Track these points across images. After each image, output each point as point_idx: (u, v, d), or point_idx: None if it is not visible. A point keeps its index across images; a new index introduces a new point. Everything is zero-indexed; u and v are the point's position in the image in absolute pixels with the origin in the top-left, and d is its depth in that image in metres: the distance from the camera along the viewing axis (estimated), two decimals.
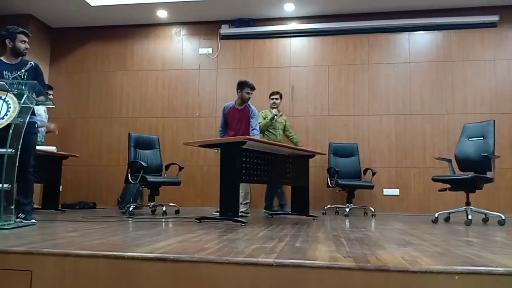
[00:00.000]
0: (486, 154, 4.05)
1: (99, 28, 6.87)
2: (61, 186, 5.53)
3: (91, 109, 6.71)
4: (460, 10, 6.02)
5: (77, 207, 5.90)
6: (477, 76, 5.96)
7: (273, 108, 5.54)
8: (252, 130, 4.79)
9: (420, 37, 6.18)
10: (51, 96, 5.69)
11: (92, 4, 6.12)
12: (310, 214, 4.57)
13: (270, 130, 5.49)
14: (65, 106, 6.64)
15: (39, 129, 5.71)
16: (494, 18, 5.88)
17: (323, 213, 5.31)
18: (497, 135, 4.43)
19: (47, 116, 5.51)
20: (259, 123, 5.27)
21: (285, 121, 5.77)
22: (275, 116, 5.45)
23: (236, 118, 4.80)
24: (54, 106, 3.71)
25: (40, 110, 5.32)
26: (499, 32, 5.96)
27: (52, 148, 5.29)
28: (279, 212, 5.16)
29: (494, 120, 4.30)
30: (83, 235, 2.45)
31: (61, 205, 5.71)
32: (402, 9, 6.11)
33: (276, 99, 5.57)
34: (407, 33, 6.18)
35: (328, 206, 5.50)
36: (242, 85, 4.77)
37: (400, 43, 6.20)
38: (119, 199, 6.13)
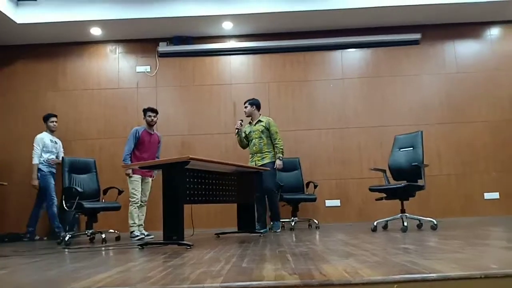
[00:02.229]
0: (416, 164, 4.33)
1: (28, 47, 6.48)
2: None
3: (20, 131, 6.26)
4: (387, 29, 6.47)
5: (6, 239, 5.43)
6: (405, 90, 6.40)
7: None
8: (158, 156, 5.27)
9: (352, 54, 6.52)
10: (55, 123, 5.62)
11: (18, 22, 5.78)
12: (256, 230, 4.58)
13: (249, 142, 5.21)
14: None
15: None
16: (417, 36, 6.38)
17: (269, 228, 5.34)
18: (425, 145, 4.76)
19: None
20: None
21: (264, 127, 5.10)
22: (237, 130, 5.18)
23: (150, 141, 5.17)
24: None
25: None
26: (422, 49, 6.47)
27: None
28: (225, 232, 5.12)
29: (422, 131, 4.62)
30: (13, 272, 2.26)
31: None
32: (334, 27, 6.43)
33: (245, 107, 5.24)
34: (340, 50, 6.51)
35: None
36: (145, 111, 5.22)
37: (334, 60, 6.50)
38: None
